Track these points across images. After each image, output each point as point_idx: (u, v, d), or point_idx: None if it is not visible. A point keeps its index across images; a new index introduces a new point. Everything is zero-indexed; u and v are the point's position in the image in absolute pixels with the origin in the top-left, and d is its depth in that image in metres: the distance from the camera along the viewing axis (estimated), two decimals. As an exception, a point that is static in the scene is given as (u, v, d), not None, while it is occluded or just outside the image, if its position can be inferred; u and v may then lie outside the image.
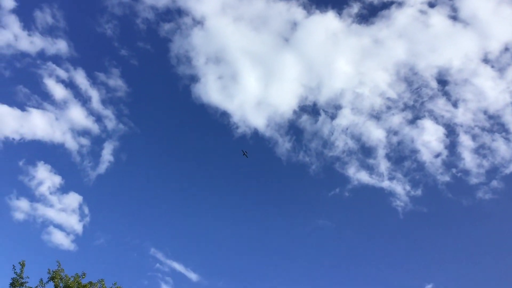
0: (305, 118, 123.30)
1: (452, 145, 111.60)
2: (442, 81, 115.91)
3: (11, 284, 28.49)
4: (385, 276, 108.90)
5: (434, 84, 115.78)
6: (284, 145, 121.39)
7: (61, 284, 29.00)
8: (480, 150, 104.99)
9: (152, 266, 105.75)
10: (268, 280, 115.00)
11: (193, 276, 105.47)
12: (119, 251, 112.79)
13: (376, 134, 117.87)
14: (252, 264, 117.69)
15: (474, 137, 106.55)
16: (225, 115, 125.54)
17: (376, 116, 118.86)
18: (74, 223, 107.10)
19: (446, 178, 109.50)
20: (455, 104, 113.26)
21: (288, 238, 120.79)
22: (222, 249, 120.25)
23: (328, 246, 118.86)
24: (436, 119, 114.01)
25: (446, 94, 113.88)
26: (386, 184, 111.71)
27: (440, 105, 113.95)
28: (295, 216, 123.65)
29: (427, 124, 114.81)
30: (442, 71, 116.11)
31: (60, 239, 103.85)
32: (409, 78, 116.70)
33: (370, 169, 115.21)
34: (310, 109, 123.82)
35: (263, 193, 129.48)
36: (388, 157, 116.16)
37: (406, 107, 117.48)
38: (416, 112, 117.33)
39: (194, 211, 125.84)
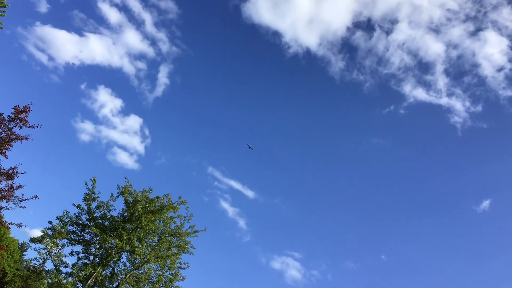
0: (359, 35, 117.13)
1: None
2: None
3: (84, 199, 30.26)
4: (443, 193, 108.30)
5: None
6: (337, 64, 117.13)
7: (130, 199, 30.42)
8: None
9: (211, 184, 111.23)
10: (323, 197, 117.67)
11: (250, 194, 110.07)
12: (179, 170, 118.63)
13: (434, 48, 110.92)
14: (307, 182, 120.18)
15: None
16: (276, 34, 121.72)
17: (435, 29, 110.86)
18: (137, 144, 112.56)
19: (509, 92, 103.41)
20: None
21: (343, 156, 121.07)
22: (277, 167, 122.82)
23: (383, 165, 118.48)
24: (499, 30, 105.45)
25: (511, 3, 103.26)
26: (444, 100, 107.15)
27: (505, 15, 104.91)
28: (349, 134, 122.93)
29: (490, 35, 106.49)
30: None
31: (125, 159, 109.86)
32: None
33: (428, 85, 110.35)
34: (365, 25, 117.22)
35: (316, 113, 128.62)
36: (447, 72, 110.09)
37: (467, 18, 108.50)
38: (478, 23, 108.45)
39: (247, 131, 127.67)
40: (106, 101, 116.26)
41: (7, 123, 23.28)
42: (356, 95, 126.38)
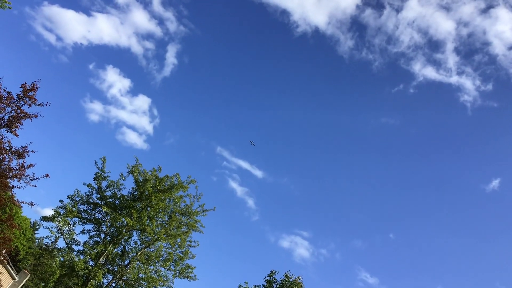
0: (368, 13, 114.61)
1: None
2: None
3: (95, 178, 30.39)
4: (452, 172, 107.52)
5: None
6: (346, 42, 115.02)
7: (140, 178, 30.52)
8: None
9: (219, 164, 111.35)
10: (331, 176, 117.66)
11: (258, 173, 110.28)
12: (188, 150, 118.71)
13: (445, 26, 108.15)
14: (315, 161, 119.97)
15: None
16: (284, 13, 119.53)
17: (445, 7, 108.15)
18: (145, 124, 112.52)
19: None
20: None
21: (351, 136, 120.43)
22: (286, 147, 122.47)
23: (392, 144, 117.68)
24: (511, 7, 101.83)
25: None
26: (454, 79, 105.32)
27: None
28: (358, 114, 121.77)
29: (501, 13, 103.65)
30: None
31: (134, 139, 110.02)
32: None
33: (437, 64, 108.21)
34: (374, 3, 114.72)
35: (325, 92, 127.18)
36: (457, 51, 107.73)
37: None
38: (489, 0, 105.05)
39: (255, 111, 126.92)
40: (115, 81, 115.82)
41: (16, 102, 23.09)
42: (365, 74, 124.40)
